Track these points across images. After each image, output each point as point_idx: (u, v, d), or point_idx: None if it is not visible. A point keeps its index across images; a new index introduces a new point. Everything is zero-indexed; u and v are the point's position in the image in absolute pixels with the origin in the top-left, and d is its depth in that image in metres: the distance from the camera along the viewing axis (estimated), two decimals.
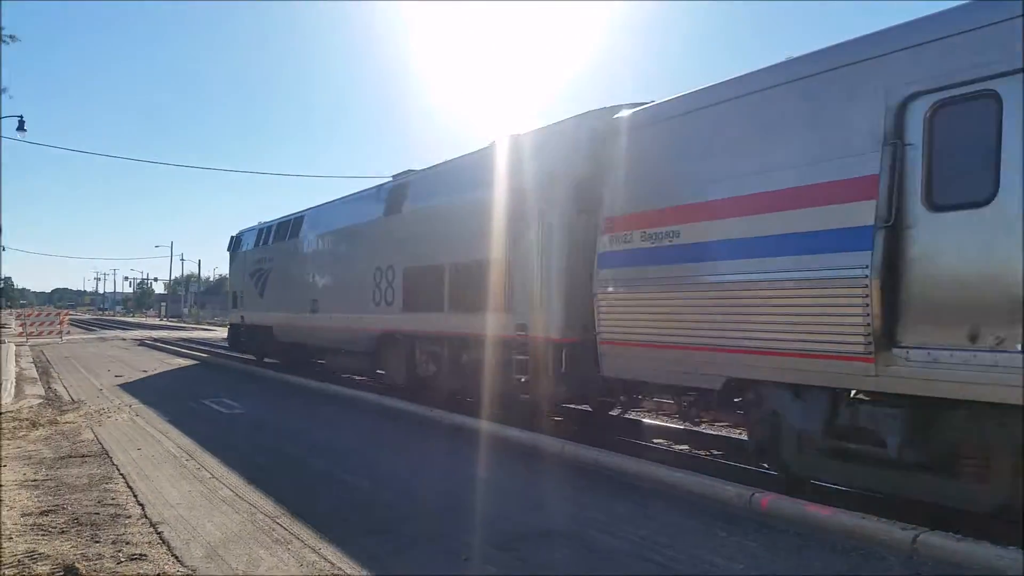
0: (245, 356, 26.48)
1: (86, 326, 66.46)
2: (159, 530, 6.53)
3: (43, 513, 7.01)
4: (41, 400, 15.41)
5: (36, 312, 57.62)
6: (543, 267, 11.16)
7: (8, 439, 10.88)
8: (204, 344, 34.52)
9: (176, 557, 5.83)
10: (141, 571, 5.48)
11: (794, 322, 7.51)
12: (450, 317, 13.63)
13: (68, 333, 43.30)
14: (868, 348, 6.83)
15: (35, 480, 8.36)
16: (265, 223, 24.85)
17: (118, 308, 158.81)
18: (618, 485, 8.28)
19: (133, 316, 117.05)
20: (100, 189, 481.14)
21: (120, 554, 5.85)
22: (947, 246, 6.49)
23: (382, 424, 12.91)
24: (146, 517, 6.94)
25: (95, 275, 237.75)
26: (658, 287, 9.13)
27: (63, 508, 7.19)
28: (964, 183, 6.44)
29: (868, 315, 6.78)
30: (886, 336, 6.73)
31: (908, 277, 6.65)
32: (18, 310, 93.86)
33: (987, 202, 6.20)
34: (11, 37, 19.56)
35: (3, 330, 50.28)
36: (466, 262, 13.21)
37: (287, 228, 22.26)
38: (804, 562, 5.88)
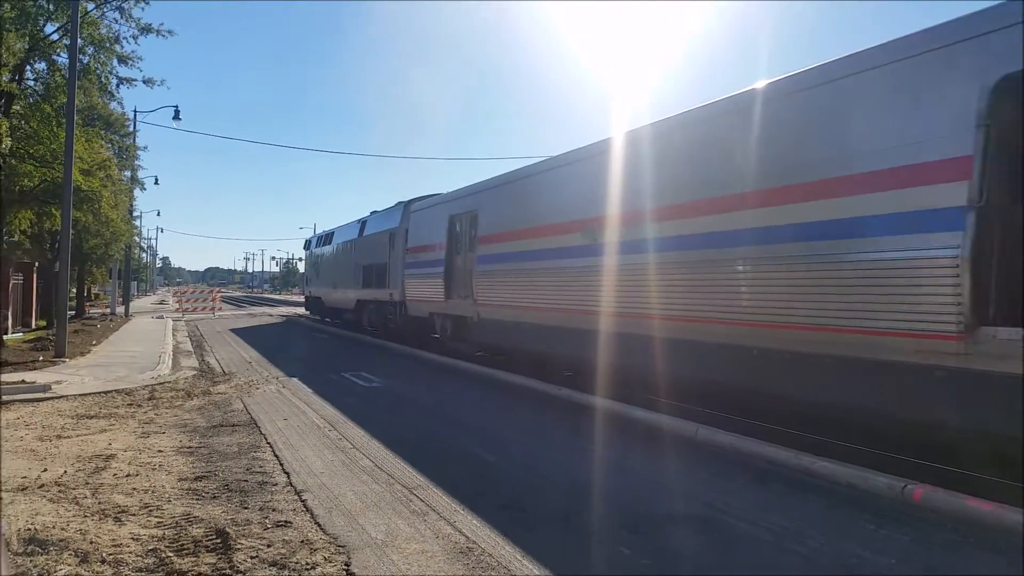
0: (314, 317, 40.35)
1: (236, 303, 70.43)
2: (303, 498, 6.79)
3: (197, 479, 7.43)
4: (195, 372, 16.39)
5: (191, 289, 61.38)
6: (397, 268, 24.04)
7: (166, 408, 11.63)
8: (339, 321, 35.83)
9: (319, 525, 6.03)
10: (286, 537, 5.69)
11: (431, 287, 20.35)
12: (376, 291, 26.83)
13: (220, 309, 45.97)
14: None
15: (190, 447, 8.87)
16: (322, 232, 39.11)
17: (266, 286, 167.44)
18: (755, 471, 8.00)
19: (279, 293, 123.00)
20: (249, 174, 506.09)
21: (267, 520, 6.11)
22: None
23: (507, 399, 13.02)
24: (291, 485, 7.24)
25: (244, 255, 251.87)
26: (417, 276, 21.59)
27: (215, 474, 7.59)
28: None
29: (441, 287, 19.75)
30: (445, 294, 19.58)
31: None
32: (174, 287, 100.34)
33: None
34: (169, 32, 20.75)
35: (162, 306, 53.87)
36: (378, 263, 26.61)
37: (328, 237, 36.35)
38: (962, 560, 5.49)
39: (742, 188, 9.71)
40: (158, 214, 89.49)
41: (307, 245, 42.23)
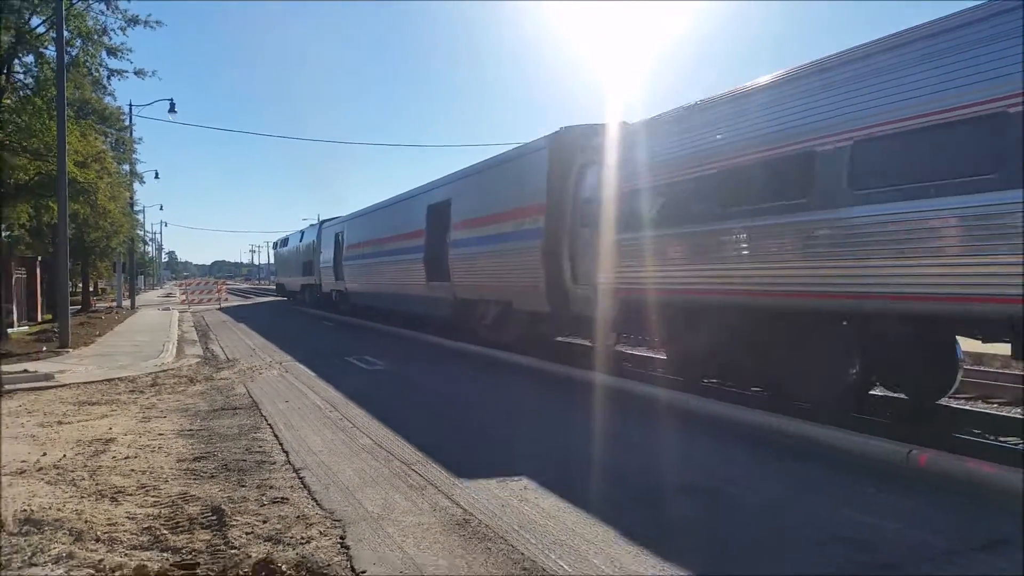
0: (281, 298, 52.29)
1: (242, 294, 70.66)
2: (301, 475, 6.74)
3: (196, 459, 7.38)
4: (199, 359, 16.37)
5: (196, 282, 61.64)
6: (317, 263, 37.38)
7: (168, 394, 11.60)
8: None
9: (316, 501, 5.98)
10: (282, 513, 5.64)
11: (328, 274, 35.16)
12: (309, 278, 39.44)
13: (226, 300, 46.08)
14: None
15: (191, 430, 8.83)
16: (283, 237, 51.70)
17: (272, 278, 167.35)
18: (754, 440, 7.92)
19: None
20: (254, 167, 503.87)
21: (264, 497, 6.06)
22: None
23: (508, 378, 13.01)
24: (289, 463, 7.19)
25: (250, 248, 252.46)
26: (324, 268, 35.75)
27: (214, 455, 7.55)
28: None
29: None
30: (334, 278, 35.19)
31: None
32: (181, 281, 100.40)
33: None
34: (157, 23, 20.61)
35: (168, 299, 53.99)
36: (308, 260, 39.47)
37: (286, 240, 48.91)
38: (970, 522, 5.40)
39: (397, 232, 24.42)
40: (160, 208, 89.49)
41: (275, 246, 58.99)
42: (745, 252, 9.56)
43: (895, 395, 9.79)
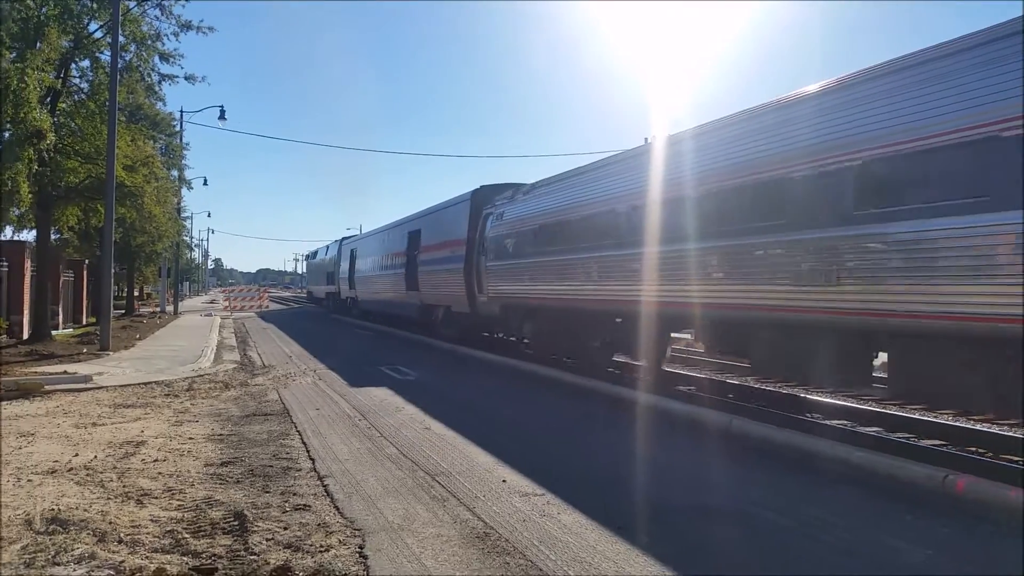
0: (311, 304, 57.28)
1: (284, 301, 71.47)
2: (325, 483, 6.75)
3: (224, 464, 7.44)
4: (236, 365, 16.56)
5: (240, 288, 63.18)
6: (336, 274, 43.14)
7: (203, 398, 11.73)
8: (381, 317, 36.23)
9: (338, 509, 5.98)
10: (303, 520, 5.64)
11: (344, 284, 40.72)
12: (331, 287, 44.76)
13: (267, 307, 46.82)
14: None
15: (221, 435, 8.91)
16: (312, 251, 59.62)
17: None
18: (789, 463, 7.75)
19: None
20: (302, 174, 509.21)
21: (286, 504, 6.07)
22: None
23: (537, 392, 12.94)
24: (315, 471, 7.21)
25: (294, 256, 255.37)
26: (341, 279, 41.22)
27: (241, 460, 7.60)
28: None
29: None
30: (348, 287, 40.19)
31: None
32: (226, 287, 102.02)
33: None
34: (210, 28, 20.97)
35: (212, 305, 54.88)
36: (330, 271, 45.03)
37: (315, 253, 55.22)
38: (1006, 554, 5.20)
39: (389, 252, 30.28)
40: (208, 215, 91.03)
41: (307, 257, 65.41)
42: (551, 275, 15.32)
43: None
